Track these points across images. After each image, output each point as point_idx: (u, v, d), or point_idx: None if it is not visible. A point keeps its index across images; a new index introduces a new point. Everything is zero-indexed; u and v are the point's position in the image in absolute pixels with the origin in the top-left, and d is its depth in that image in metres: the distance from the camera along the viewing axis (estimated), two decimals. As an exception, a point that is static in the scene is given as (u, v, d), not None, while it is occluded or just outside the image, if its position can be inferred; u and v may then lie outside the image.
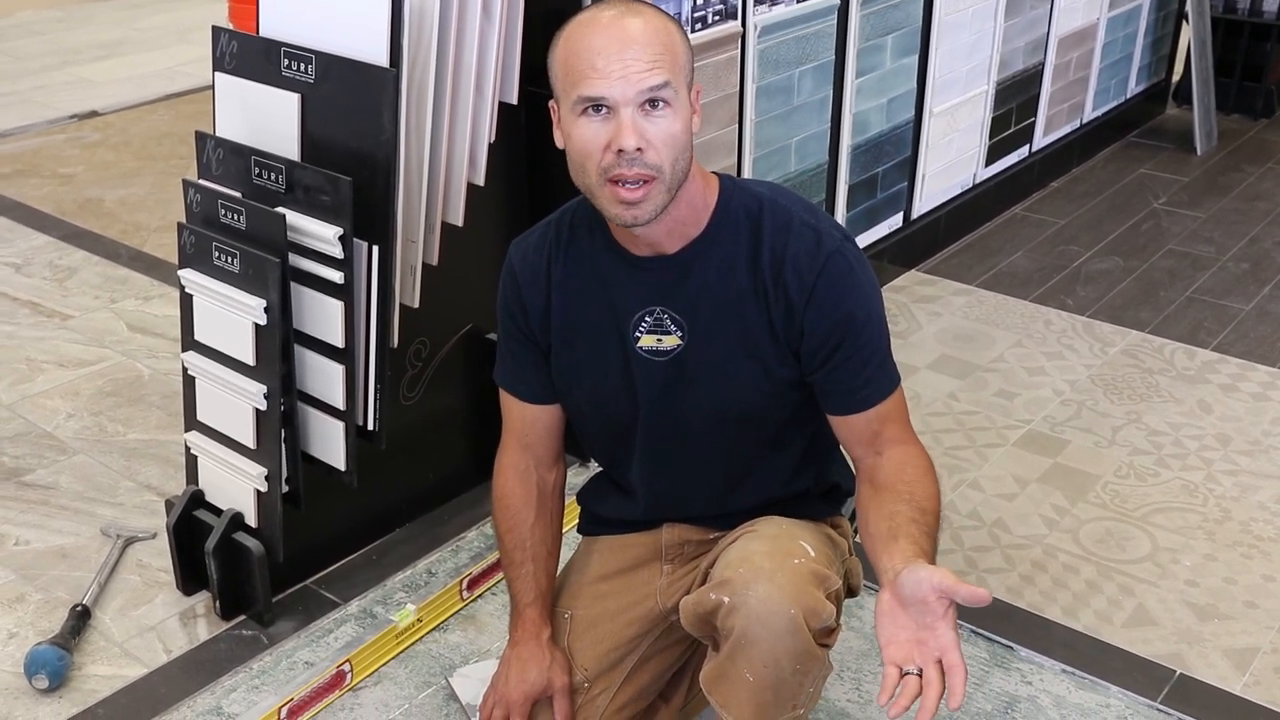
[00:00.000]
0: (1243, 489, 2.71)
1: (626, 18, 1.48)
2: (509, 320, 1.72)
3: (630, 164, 1.46)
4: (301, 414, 2.20)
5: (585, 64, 1.46)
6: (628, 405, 1.66)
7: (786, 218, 1.57)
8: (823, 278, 1.54)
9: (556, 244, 1.67)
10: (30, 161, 4.69)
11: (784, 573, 1.48)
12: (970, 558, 2.48)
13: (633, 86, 1.45)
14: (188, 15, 6.90)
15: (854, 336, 1.56)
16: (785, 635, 1.47)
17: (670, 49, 1.48)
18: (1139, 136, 4.90)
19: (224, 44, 2.20)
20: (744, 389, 1.60)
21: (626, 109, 1.45)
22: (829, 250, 1.55)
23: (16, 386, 3.11)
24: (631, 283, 1.61)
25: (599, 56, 1.45)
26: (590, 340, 1.65)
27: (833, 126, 3.25)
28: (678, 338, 1.60)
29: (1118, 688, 2.14)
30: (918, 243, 3.77)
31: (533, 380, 1.74)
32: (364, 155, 2.06)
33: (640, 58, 1.45)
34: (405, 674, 2.18)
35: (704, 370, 1.61)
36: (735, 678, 1.50)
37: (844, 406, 1.61)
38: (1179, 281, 3.70)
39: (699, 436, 1.66)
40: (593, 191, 1.52)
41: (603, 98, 1.45)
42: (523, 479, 1.79)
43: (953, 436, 2.90)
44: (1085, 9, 4.23)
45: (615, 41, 1.46)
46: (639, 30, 1.47)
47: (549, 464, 1.81)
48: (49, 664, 2.12)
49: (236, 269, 2.09)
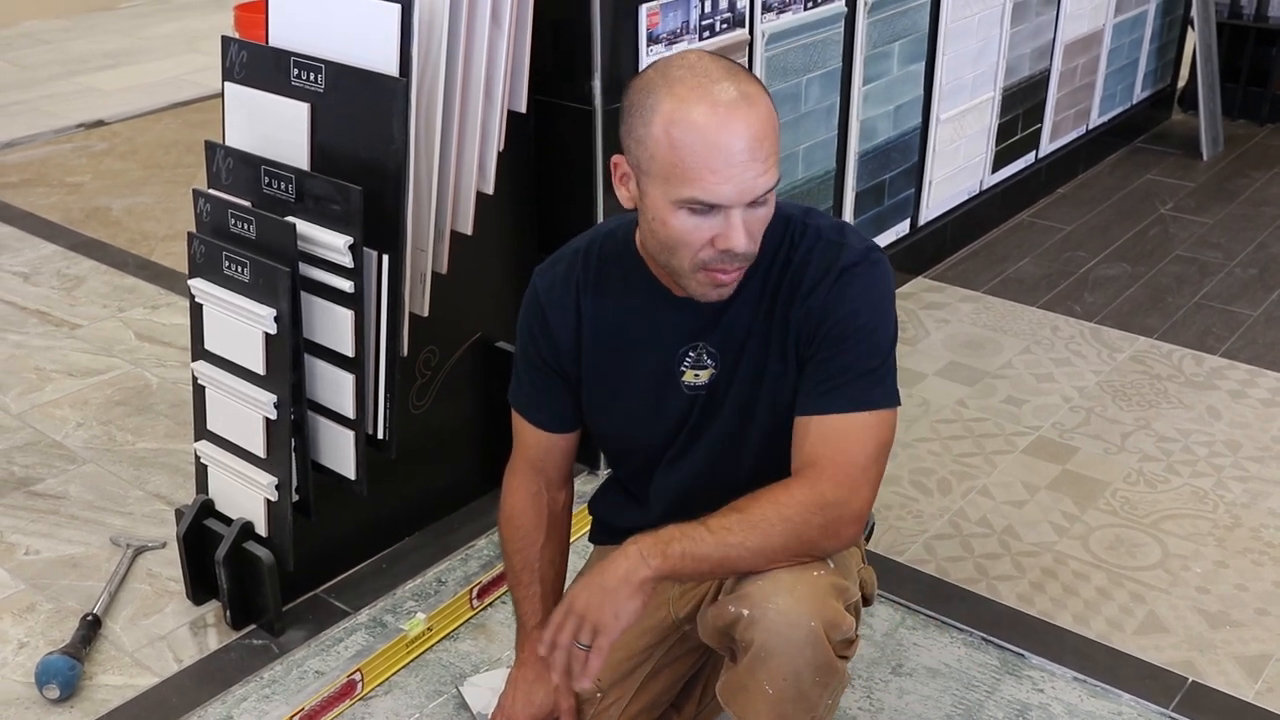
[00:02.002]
0: (1253, 495, 2.70)
1: (744, 106, 1.38)
2: (531, 348, 1.70)
3: (733, 260, 1.45)
4: (312, 423, 2.20)
5: (701, 163, 1.38)
6: (662, 434, 1.65)
7: (815, 237, 1.56)
8: (835, 286, 1.52)
9: (585, 277, 1.64)
10: (38, 171, 4.70)
11: (804, 585, 1.47)
12: (980, 565, 2.47)
13: (751, 193, 1.41)
14: (194, 24, 6.91)
15: (840, 341, 1.51)
16: (805, 648, 1.46)
17: (777, 134, 1.42)
18: (1145, 142, 4.90)
19: (234, 54, 2.21)
20: (761, 411, 1.60)
21: (738, 210, 1.42)
22: (847, 262, 1.53)
23: (26, 396, 3.11)
24: (674, 320, 1.59)
25: (719, 158, 1.38)
26: (626, 373, 1.64)
27: (840, 133, 3.25)
28: (712, 369, 1.60)
29: (1130, 695, 2.13)
30: (925, 249, 3.77)
31: (552, 409, 1.72)
32: (374, 164, 2.06)
33: (759, 159, 1.39)
34: (416, 683, 2.17)
35: (732, 397, 1.60)
36: (755, 690, 1.49)
37: (801, 406, 1.54)
38: (1187, 287, 3.70)
39: (726, 457, 1.65)
40: (679, 271, 1.49)
41: (719, 203, 1.41)
42: (533, 500, 1.78)
43: (962, 443, 2.90)
44: (1091, 15, 4.23)
45: (738, 140, 1.37)
46: (759, 124, 1.39)
47: (559, 485, 1.80)
48: (60, 674, 2.12)
49: (247, 278, 2.10)
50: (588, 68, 2.42)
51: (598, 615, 1.45)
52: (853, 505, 1.49)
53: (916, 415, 3.00)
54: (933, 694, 2.14)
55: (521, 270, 2.58)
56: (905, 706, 2.11)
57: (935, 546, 2.53)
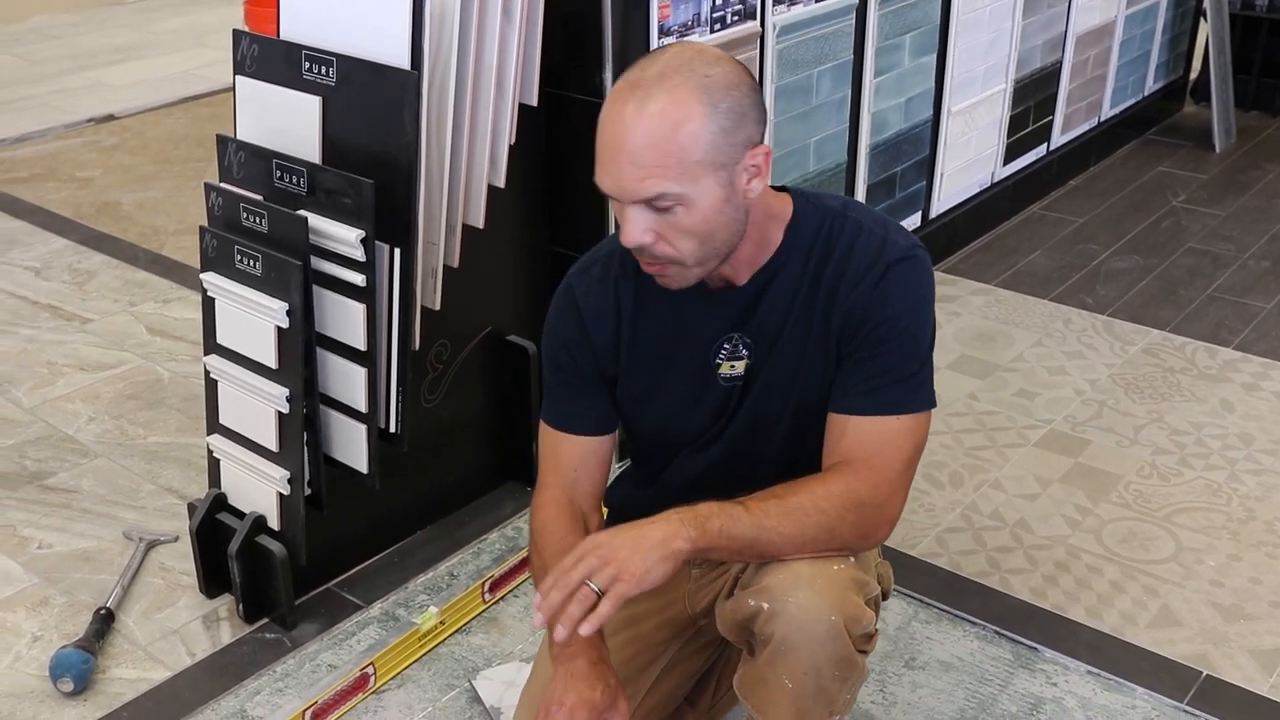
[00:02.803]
0: (1267, 489, 2.69)
1: (639, 111, 1.38)
2: (563, 353, 1.65)
3: (640, 253, 1.46)
4: (324, 417, 2.20)
5: (599, 149, 1.43)
6: (698, 425, 1.65)
7: (856, 229, 1.55)
8: (881, 282, 1.51)
9: (623, 275, 1.62)
10: (48, 165, 4.71)
11: (824, 579, 1.46)
12: (993, 558, 2.47)
13: (628, 194, 1.42)
14: (203, 18, 6.92)
15: (882, 342, 1.51)
16: (826, 642, 1.45)
17: (671, 149, 1.38)
18: (1157, 134, 4.88)
19: (245, 47, 2.21)
20: (793, 400, 1.59)
21: (629, 206, 1.42)
22: (891, 258, 1.52)
23: (38, 390, 3.12)
24: (708, 314, 1.59)
25: (603, 150, 1.42)
26: (664, 368, 1.63)
27: (851, 126, 3.24)
28: (747, 359, 1.59)
29: (1144, 689, 2.13)
30: (936, 242, 3.76)
31: (593, 413, 1.67)
32: (385, 158, 2.06)
33: (637, 163, 1.39)
34: (429, 676, 2.18)
35: (766, 383, 1.59)
36: (774, 684, 1.49)
37: (835, 404, 1.54)
38: (1199, 280, 3.68)
39: (749, 445, 1.65)
40: None
41: (606, 193, 1.44)
42: (567, 510, 1.66)
43: (974, 436, 2.89)
44: (1103, 7, 4.21)
45: (622, 140, 1.39)
46: (643, 133, 1.38)
47: (592, 506, 1.70)
48: (74, 667, 2.12)
49: (259, 272, 2.09)
50: (599, 60, 2.42)
51: (625, 562, 1.37)
52: (887, 509, 1.50)
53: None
54: (946, 687, 2.14)
55: (533, 263, 2.58)
56: (918, 700, 2.11)
57: (948, 540, 2.53)
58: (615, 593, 1.37)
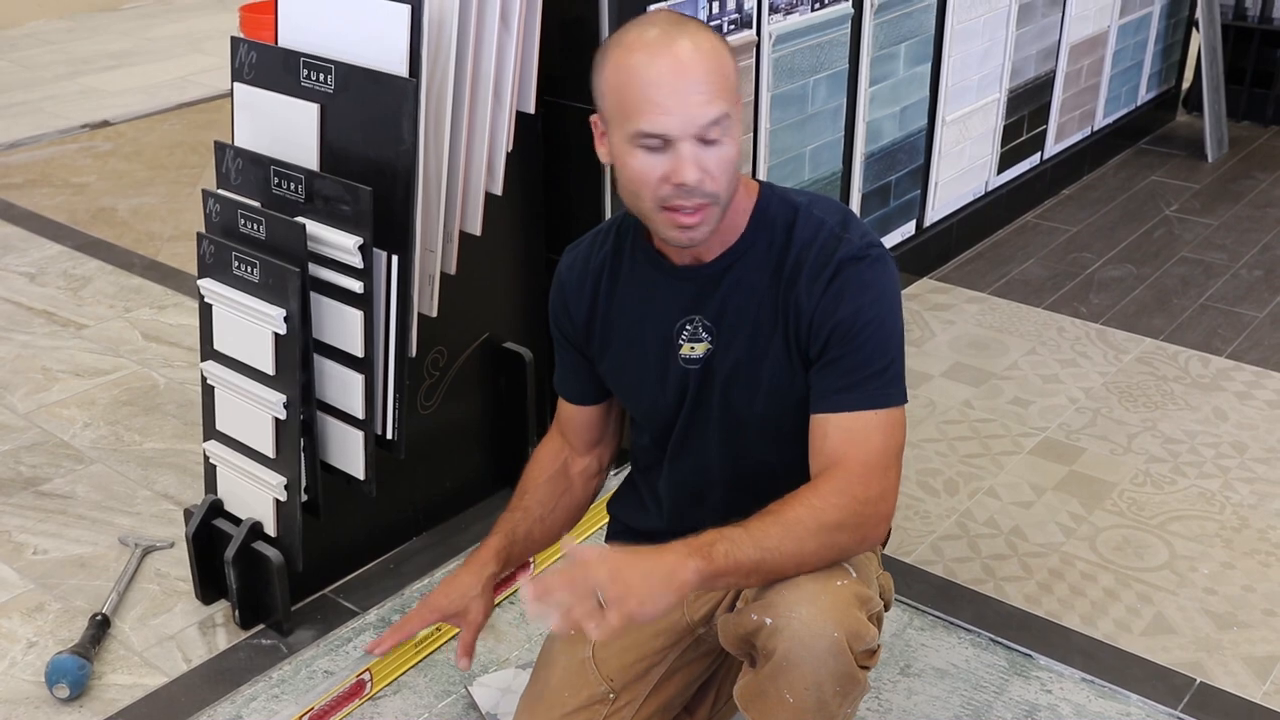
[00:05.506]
0: (1260, 496, 2.71)
1: (678, 41, 1.44)
2: (554, 325, 1.77)
3: (689, 195, 1.46)
4: (321, 423, 2.20)
5: (640, 96, 1.43)
6: (667, 410, 1.68)
7: (817, 226, 1.57)
8: (834, 281, 1.53)
9: (602, 255, 1.68)
10: (43, 171, 4.71)
11: (828, 595, 1.46)
12: (988, 566, 2.48)
13: (694, 122, 1.43)
14: (199, 25, 6.92)
15: (850, 339, 1.52)
16: (828, 658, 1.45)
17: (724, 72, 1.45)
18: (1150, 143, 4.90)
19: (243, 54, 2.21)
20: (760, 394, 1.60)
21: (686, 143, 1.44)
22: (845, 256, 1.53)
23: (33, 396, 3.12)
24: (672, 292, 1.62)
25: (655, 89, 1.42)
26: (632, 348, 1.67)
27: (846, 135, 3.25)
28: (707, 344, 1.61)
29: (1138, 696, 2.13)
30: (930, 251, 3.77)
31: (573, 382, 1.80)
32: (383, 165, 2.06)
33: (699, 89, 1.43)
34: (425, 683, 2.18)
35: (726, 374, 1.61)
36: (775, 698, 1.49)
37: (814, 404, 1.55)
38: (1192, 289, 3.70)
39: (720, 440, 1.66)
40: (646, 216, 1.52)
41: (663, 134, 1.44)
42: (554, 451, 1.86)
43: (968, 444, 2.90)
44: (1096, 17, 4.23)
45: (670, 72, 1.42)
46: (693, 58, 1.43)
47: (581, 451, 1.85)
48: (69, 673, 2.12)
49: (256, 279, 2.10)
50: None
51: (624, 591, 1.37)
52: (882, 505, 1.50)
53: (923, 416, 3.00)
54: (941, 694, 2.14)
55: (530, 271, 2.58)
56: (914, 707, 2.11)
57: (942, 547, 2.53)
58: (621, 612, 1.36)
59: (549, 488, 1.83)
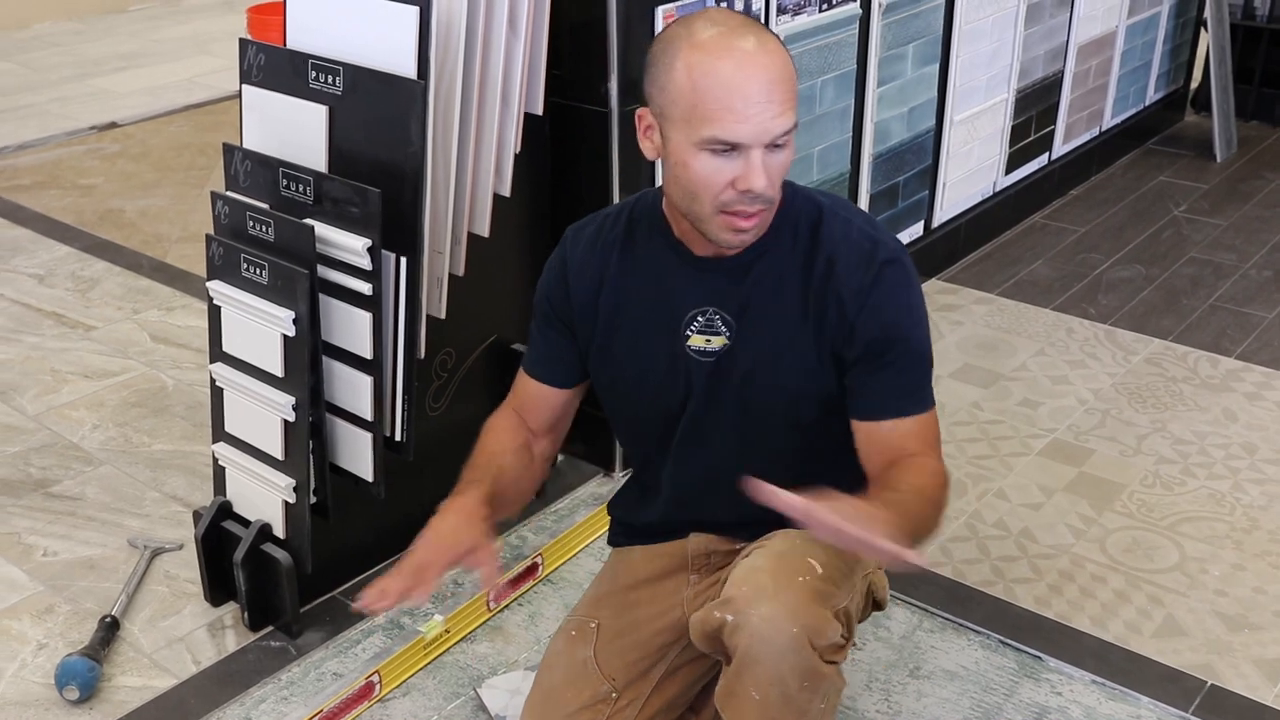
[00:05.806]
0: (1270, 498, 2.70)
1: (761, 52, 1.44)
2: (545, 303, 1.73)
3: (753, 201, 1.48)
4: (330, 425, 2.20)
5: (720, 103, 1.42)
6: (669, 401, 1.67)
7: (845, 226, 1.59)
8: (879, 284, 1.55)
9: (613, 238, 1.68)
10: (51, 173, 4.72)
11: (789, 591, 1.47)
12: (997, 567, 2.47)
13: (769, 133, 1.44)
14: (206, 27, 6.93)
15: (900, 345, 1.56)
16: (788, 653, 1.46)
17: (793, 81, 1.47)
18: (1158, 144, 4.89)
19: (251, 56, 2.21)
20: (781, 388, 1.61)
21: (757, 151, 1.44)
22: (884, 258, 1.56)
23: (42, 397, 3.12)
24: (690, 282, 1.62)
25: (737, 97, 1.42)
26: (638, 335, 1.66)
27: (854, 135, 3.25)
28: (725, 338, 1.61)
29: (1149, 698, 2.13)
30: (939, 251, 3.77)
31: (550, 363, 1.75)
32: (392, 167, 2.06)
33: (777, 100, 1.43)
34: (434, 685, 2.18)
35: (744, 371, 1.61)
36: (743, 696, 1.50)
37: (874, 410, 1.59)
38: (1201, 289, 3.69)
39: (730, 436, 1.66)
40: (701, 217, 1.52)
41: (739, 142, 1.44)
42: (513, 427, 1.76)
43: (977, 446, 2.89)
44: (1104, 17, 4.22)
45: (755, 82, 1.42)
46: (776, 69, 1.43)
47: (539, 433, 1.79)
48: (79, 675, 2.12)
49: (265, 280, 2.10)
50: (604, 70, 2.42)
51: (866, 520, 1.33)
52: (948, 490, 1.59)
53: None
54: (951, 697, 2.14)
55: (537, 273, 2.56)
56: (923, 709, 2.11)
57: (952, 549, 2.53)
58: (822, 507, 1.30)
59: (516, 459, 1.73)
